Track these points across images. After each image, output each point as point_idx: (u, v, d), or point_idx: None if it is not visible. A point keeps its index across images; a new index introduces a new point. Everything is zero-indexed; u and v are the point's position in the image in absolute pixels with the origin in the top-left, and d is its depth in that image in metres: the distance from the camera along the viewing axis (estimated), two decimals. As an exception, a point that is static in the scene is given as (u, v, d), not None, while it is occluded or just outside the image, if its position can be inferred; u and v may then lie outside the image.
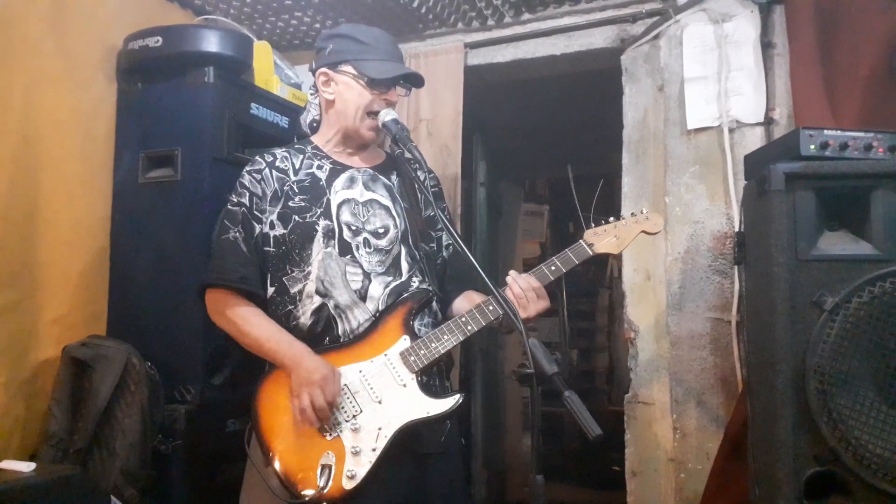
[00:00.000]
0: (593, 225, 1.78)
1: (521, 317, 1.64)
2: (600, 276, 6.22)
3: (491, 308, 1.68)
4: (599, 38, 2.68)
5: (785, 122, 2.31)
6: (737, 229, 2.00)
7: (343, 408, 1.65)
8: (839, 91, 2.14)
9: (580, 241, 1.76)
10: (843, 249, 1.62)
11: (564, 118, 4.01)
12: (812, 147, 1.65)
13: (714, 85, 2.40)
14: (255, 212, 1.77)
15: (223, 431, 2.19)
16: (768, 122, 2.34)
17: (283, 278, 1.76)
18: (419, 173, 1.81)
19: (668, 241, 2.45)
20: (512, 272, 1.74)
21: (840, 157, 1.65)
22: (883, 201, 1.59)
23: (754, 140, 2.34)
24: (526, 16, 2.76)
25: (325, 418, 1.62)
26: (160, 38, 2.26)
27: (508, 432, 4.63)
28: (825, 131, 1.66)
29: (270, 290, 1.78)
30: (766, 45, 2.35)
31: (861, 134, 1.66)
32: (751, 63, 2.36)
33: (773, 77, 2.35)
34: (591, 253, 1.75)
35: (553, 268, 1.73)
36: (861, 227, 1.63)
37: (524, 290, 1.68)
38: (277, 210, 1.78)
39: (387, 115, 1.80)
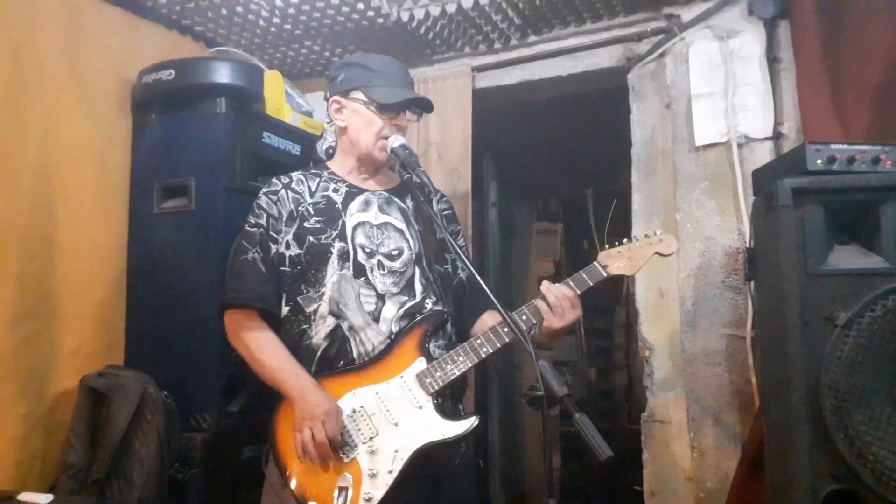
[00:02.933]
0: (607, 246, 1.79)
1: (557, 326, 1.69)
2: (616, 293, 6.17)
3: (506, 330, 1.68)
4: (605, 58, 2.70)
5: (794, 136, 2.31)
6: (748, 245, 1.99)
7: (360, 430, 1.66)
8: (847, 104, 2.14)
9: (594, 262, 1.77)
10: (853, 263, 1.61)
11: (575, 137, 4.02)
12: (819, 161, 1.65)
13: (721, 101, 2.40)
14: (272, 232, 1.81)
15: (239, 458, 2.20)
16: (777, 136, 2.34)
17: (298, 298, 1.78)
18: (431, 198, 1.84)
19: (680, 258, 2.44)
20: (545, 282, 1.75)
21: (847, 170, 1.65)
22: (892, 214, 1.59)
23: (763, 155, 2.34)
24: (532, 38, 2.79)
25: (325, 454, 1.62)
26: (173, 72, 2.31)
27: (527, 453, 4.59)
28: (832, 145, 1.66)
29: (285, 309, 1.80)
30: (772, 60, 2.36)
31: (868, 147, 1.66)
32: (757, 78, 2.37)
33: (781, 91, 2.35)
34: (605, 275, 1.76)
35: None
36: (871, 241, 1.62)
37: (559, 299, 1.69)
38: (293, 231, 1.80)
39: (395, 142, 1.82)
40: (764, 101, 2.35)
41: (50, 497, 1.68)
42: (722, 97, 2.40)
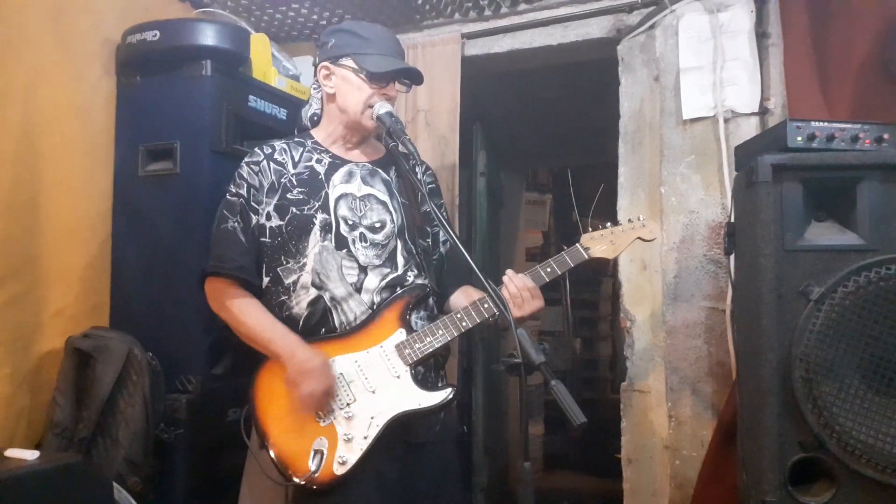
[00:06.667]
0: (591, 228, 1.83)
1: (516, 315, 1.70)
2: (604, 265, 6.21)
3: (486, 306, 1.72)
4: (596, 28, 2.68)
5: (780, 111, 2.32)
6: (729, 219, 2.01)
7: (338, 396, 1.69)
8: (832, 82, 2.15)
9: (577, 244, 1.82)
10: (829, 240, 1.64)
11: (564, 108, 4.01)
12: (799, 139, 1.66)
13: (709, 75, 2.40)
14: (253, 203, 1.81)
15: (224, 420, 2.23)
16: (763, 112, 2.34)
17: (278, 269, 1.80)
18: (416, 168, 1.85)
19: (663, 232, 2.47)
20: (509, 272, 1.78)
21: (827, 148, 1.67)
22: (868, 192, 1.61)
23: (749, 130, 2.35)
24: (522, 6, 2.76)
25: (322, 406, 1.66)
26: (158, 32, 2.28)
27: (511, 421, 4.67)
28: (812, 123, 1.68)
29: (265, 279, 1.82)
30: (761, 35, 2.36)
31: (848, 125, 1.68)
32: (746, 53, 2.36)
33: (768, 67, 2.35)
34: (586, 257, 1.81)
35: (549, 269, 1.79)
36: (847, 218, 1.64)
37: (519, 290, 1.73)
38: (274, 202, 1.81)
39: (381, 108, 1.82)
40: (751, 77, 2.35)
41: (36, 453, 1.70)
42: (710, 71, 2.40)
